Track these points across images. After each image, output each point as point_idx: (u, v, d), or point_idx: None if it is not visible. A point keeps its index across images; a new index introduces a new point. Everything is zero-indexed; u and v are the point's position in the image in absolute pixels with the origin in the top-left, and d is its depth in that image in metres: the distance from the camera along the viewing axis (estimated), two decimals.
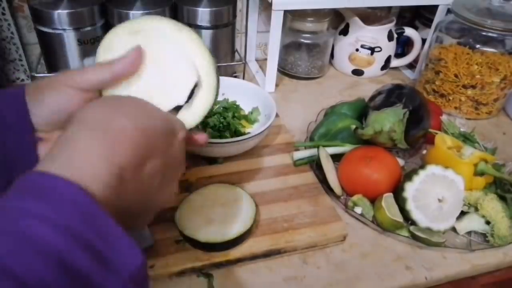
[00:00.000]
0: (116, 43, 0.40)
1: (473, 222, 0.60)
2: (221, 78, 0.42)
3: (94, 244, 0.24)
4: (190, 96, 0.40)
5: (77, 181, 0.26)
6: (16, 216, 0.23)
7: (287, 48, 0.95)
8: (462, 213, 0.60)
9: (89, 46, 0.78)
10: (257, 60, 1.03)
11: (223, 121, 0.70)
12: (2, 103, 0.37)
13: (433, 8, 0.90)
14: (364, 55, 0.97)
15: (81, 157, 0.28)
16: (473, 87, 0.83)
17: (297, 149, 0.70)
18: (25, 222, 0.23)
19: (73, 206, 0.25)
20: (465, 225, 0.59)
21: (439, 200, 0.57)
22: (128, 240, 0.26)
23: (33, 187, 0.25)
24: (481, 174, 0.62)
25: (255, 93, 0.76)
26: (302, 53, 0.95)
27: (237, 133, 0.70)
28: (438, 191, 0.57)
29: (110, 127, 0.30)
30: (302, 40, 0.93)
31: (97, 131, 0.29)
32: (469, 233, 0.60)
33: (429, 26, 0.94)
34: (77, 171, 0.26)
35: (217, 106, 0.73)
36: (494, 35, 0.79)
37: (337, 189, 0.63)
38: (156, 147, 0.32)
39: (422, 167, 0.59)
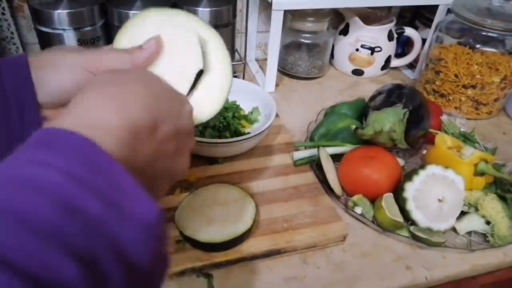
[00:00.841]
0: (135, 32, 0.41)
1: (473, 222, 0.60)
2: None
3: (106, 193, 0.23)
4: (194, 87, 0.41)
5: (90, 135, 0.25)
6: (24, 165, 0.22)
7: (287, 48, 0.95)
8: (462, 213, 0.60)
9: (89, 46, 0.78)
10: (257, 60, 1.03)
11: (223, 121, 0.70)
12: (2, 70, 0.36)
13: (433, 8, 0.90)
14: (364, 55, 0.97)
15: (95, 112, 0.27)
16: (473, 87, 0.83)
17: (297, 149, 0.70)
18: (34, 170, 0.22)
19: (85, 157, 0.24)
20: (465, 225, 0.59)
21: (439, 200, 0.57)
22: (142, 192, 0.25)
23: (43, 140, 0.24)
24: (481, 174, 0.62)
25: (255, 93, 0.76)
26: (302, 53, 0.95)
27: (237, 133, 0.70)
28: (438, 191, 0.57)
29: (123, 88, 0.30)
30: (302, 40, 0.93)
31: (109, 90, 0.29)
32: (469, 233, 0.60)
33: (429, 26, 0.94)
34: (90, 126, 0.26)
35: None
36: (494, 35, 0.79)
37: (337, 189, 0.63)
38: (168, 112, 0.32)
39: (422, 167, 0.59)
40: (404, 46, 1.05)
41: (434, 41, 0.88)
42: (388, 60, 0.99)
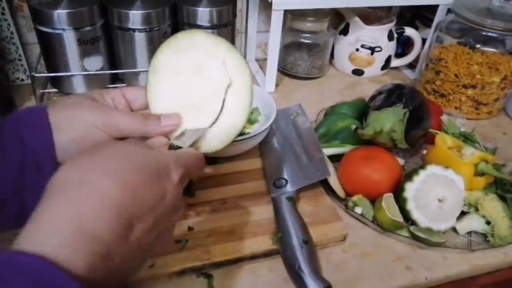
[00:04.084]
0: (163, 61, 0.41)
1: (474, 222, 0.60)
2: None
3: None
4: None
5: (52, 257, 0.23)
6: None
7: (287, 48, 0.95)
8: (463, 213, 0.60)
9: (89, 46, 0.78)
10: (257, 60, 1.03)
11: None
12: (22, 123, 0.36)
13: (433, 8, 0.90)
14: (364, 55, 0.97)
15: (45, 232, 0.24)
16: (474, 87, 0.83)
17: None
18: None
19: (44, 283, 0.22)
20: (465, 225, 0.59)
21: (439, 200, 0.57)
22: None
23: (2, 265, 0.22)
24: (482, 174, 0.62)
25: (255, 93, 0.75)
26: (302, 53, 0.95)
27: None
28: (438, 191, 0.57)
29: (89, 190, 0.27)
30: (302, 40, 0.93)
31: (63, 197, 0.26)
32: (469, 233, 0.60)
33: (429, 26, 0.94)
34: (40, 248, 0.23)
35: None
36: (495, 35, 0.79)
37: (339, 191, 0.63)
38: (144, 203, 0.29)
39: (423, 167, 0.59)
40: (404, 46, 1.05)
41: (434, 41, 0.88)
42: (388, 60, 0.99)
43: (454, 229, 0.59)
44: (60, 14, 0.73)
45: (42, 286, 0.22)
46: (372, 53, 0.96)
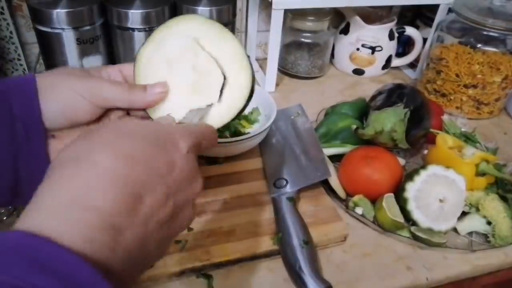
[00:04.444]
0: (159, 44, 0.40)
1: (474, 223, 0.59)
2: None
3: None
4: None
5: (55, 236, 0.22)
6: None
7: (288, 48, 0.95)
8: (463, 214, 0.60)
9: (88, 45, 0.78)
10: (257, 60, 1.03)
11: None
12: (11, 91, 0.35)
13: (434, 8, 0.90)
14: (365, 55, 0.96)
15: (45, 210, 0.23)
16: (475, 86, 0.82)
17: None
18: None
19: (47, 263, 0.21)
20: (466, 226, 0.59)
21: (440, 200, 0.57)
22: None
23: (4, 245, 0.22)
24: (483, 174, 0.62)
25: (255, 93, 0.75)
26: (303, 53, 0.94)
27: (237, 133, 0.69)
28: (439, 191, 0.57)
29: (77, 166, 0.25)
30: (303, 39, 0.93)
31: (61, 175, 0.25)
32: (470, 233, 0.60)
33: (430, 26, 0.93)
34: (40, 226, 0.22)
35: None
36: (496, 34, 0.79)
37: (340, 192, 0.63)
38: (152, 174, 0.27)
39: (423, 167, 0.58)
40: (405, 45, 1.05)
41: (435, 40, 0.88)
42: (389, 60, 0.99)
43: (455, 230, 0.59)
44: (60, 13, 0.73)
45: (36, 261, 0.21)
46: (372, 53, 0.96)
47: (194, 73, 0.40)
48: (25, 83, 0.36)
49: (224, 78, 0.40)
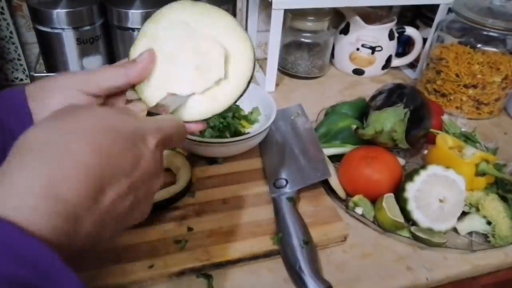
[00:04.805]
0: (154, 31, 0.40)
1: (474, 223, 0.59)
2: None
3: (30, 284, 0.21)
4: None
5: (15, 219, 0.23)
6: None
7: (288, 48, 0.95)
8: (463, 214, 0.60)
9: (88, 45, 0.78)
10: (257, 60, 1.03)
11: (223, 121, 0.69)
12: (1, 106, 0.36)
13: (434, 8, 0.90)
14: (365, 55, 0.96)
15: (19, 195, 0.24)
16: (474, 86, 0.82)
17: None
18: None
19: (6, 247, 0.22)
20: (466, 226, 0.59)
21: (440, 201, 0.57)
22: (76, 280, 0.24)
23: None
24: (483, 174, 0.62)
25: (255, 93, 0.75)
26: (303, 53, 0.94)
27: (237, 133, 0.69)
28: (439, 191, 0.57)
29: (55, 152, 0.26)
30: (303, 40, 0.93)
31: (38, 159, 0.25)
32: (470, 233, 0.59)
33: (430, 26, 0.93)
34: (14, 213, 0.23)
35: None
36: (495, 34, 0.79)
37: (340, 192, 0.63)
38: (118, 167, 0.28)
39: (423, 167, 0.58)
40: (405, 45, 1.05)
41: (435, 40, 0.88)
42: (389, 60, 0.99)
43: (455, 230, 0.59)
44: (60, 13, 0.73)
45: (4, 246, 0.22)
46: (372, 53, 0.96)
47: (196, 56, 0.40)
48: (13, 94, 0.36)
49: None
